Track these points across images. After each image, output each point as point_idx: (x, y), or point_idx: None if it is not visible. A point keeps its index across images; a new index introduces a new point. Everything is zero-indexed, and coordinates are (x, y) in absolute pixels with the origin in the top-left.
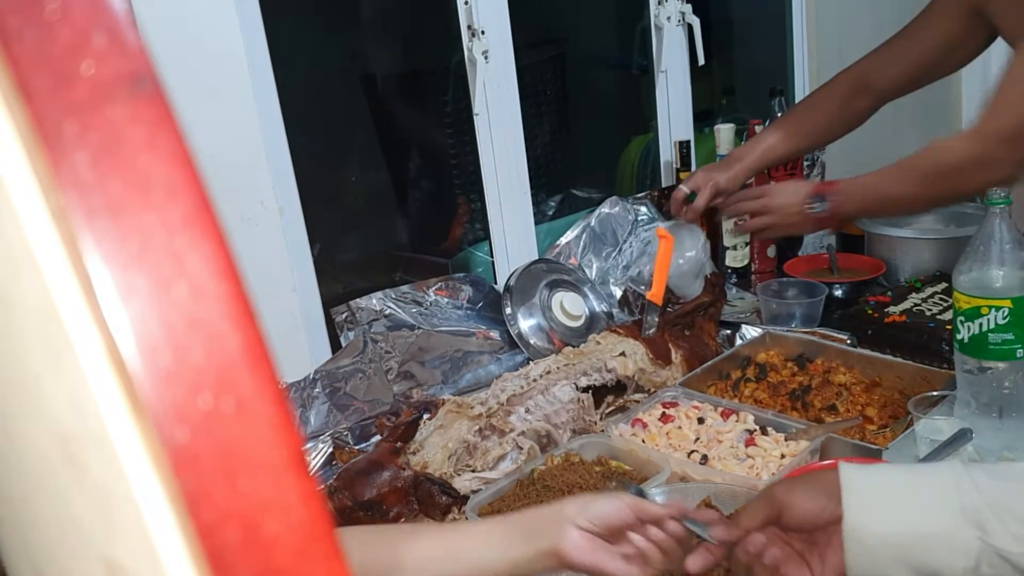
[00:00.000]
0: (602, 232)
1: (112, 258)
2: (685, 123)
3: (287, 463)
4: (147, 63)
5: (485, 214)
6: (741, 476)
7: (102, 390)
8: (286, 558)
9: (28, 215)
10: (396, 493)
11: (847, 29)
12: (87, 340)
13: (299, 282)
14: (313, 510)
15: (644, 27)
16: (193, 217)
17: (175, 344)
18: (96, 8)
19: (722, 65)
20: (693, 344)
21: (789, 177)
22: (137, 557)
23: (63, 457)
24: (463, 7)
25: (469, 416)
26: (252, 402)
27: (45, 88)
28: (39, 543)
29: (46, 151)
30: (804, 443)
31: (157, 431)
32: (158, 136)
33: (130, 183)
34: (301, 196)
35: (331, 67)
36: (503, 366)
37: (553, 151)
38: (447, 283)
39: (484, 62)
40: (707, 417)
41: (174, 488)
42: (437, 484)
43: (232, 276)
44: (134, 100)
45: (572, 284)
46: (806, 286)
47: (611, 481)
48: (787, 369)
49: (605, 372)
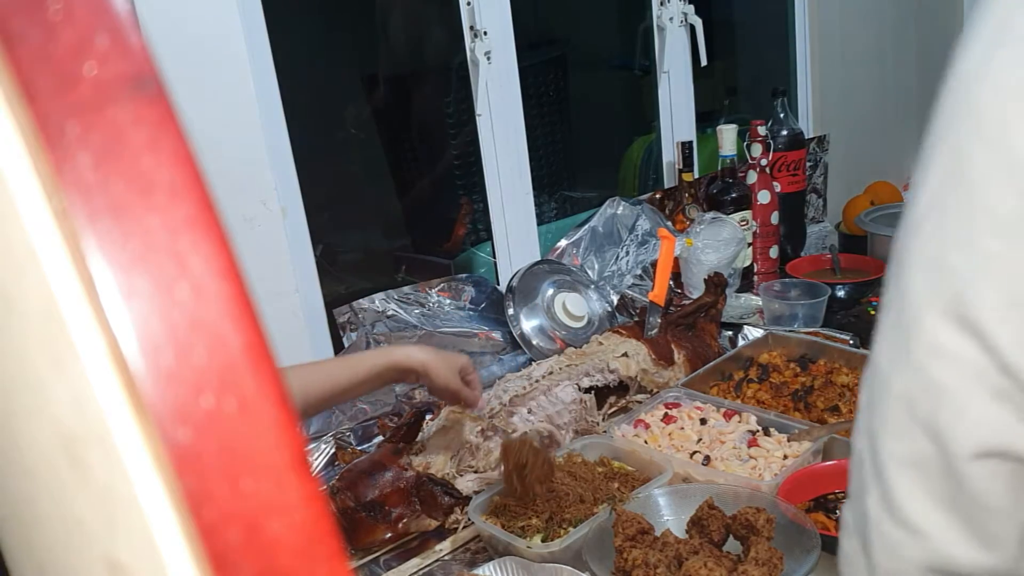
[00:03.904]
0: (604, 233)
1: (114, 259)
2: (687, 124)
3: (289, 464)
4: (149, 64)
5: (487, 215)
6: (743, 477)
7: (105, 390)
8: (288, 558)
9: (31, 216)
10: (398, 494)
11: (849, 29)
12: (90, 340)
13: (301, 282)
14: (315, 511)
15: (646, 28)
16: (195, 218)
17: (177, 344)
18: (98, 9)
19: (724, 66)
20: (695, 345)
21: (791, 178)
22: (139, 557)
23: (66, 457)
24: (465, 8)
25: (471, 417)
26: (254, 402)
27: (48, 89)
28: (42, 543)
29: (49, 152)
30: (807, 444)
31: (159, 431)
32: (160, 137)
33: (133, 184)
34: (303, 196)
35: (333, 68)
36: (505, 367)
37: (555, 152)
38: (449, 284)
39: (486, 63)
40: (709, 418)
41: (176, 488)
42: (439, 485)
43: (234, 276)
44: (136, 101)
45: (574, 285)
46: (808, 287)
47: (613, 482)
48: (789, 370)
49: (607, 373)
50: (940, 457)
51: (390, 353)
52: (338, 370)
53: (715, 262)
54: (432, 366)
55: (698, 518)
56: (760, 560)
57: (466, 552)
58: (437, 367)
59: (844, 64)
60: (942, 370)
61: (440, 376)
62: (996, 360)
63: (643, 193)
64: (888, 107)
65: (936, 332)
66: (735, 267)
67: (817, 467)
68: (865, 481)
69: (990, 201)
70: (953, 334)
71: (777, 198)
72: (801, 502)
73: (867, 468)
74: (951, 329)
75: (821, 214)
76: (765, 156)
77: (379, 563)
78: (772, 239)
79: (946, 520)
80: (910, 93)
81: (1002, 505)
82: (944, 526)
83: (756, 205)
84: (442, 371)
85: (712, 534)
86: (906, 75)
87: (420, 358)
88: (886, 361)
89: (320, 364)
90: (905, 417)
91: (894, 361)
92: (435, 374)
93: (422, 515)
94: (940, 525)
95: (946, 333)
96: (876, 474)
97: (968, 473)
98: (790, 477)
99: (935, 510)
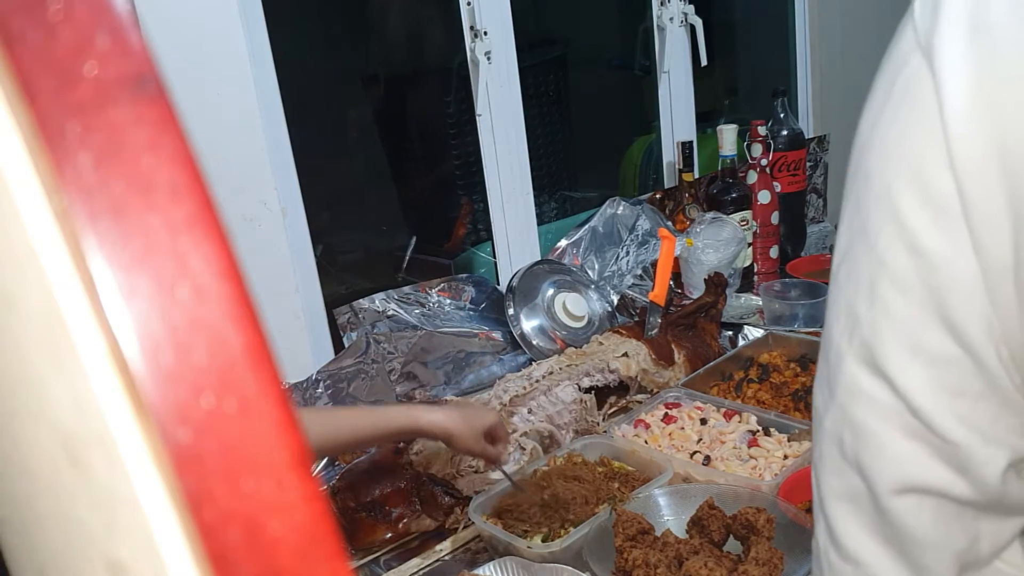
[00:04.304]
0: (605, 233)
1: (115, 259)
2: (688, 124)
3: (290, 464)
4: (150, 64)
5: (488, 215)
6: (744, 477)
7: (105, 390)
8: (289, 559)
9: (31, 216)
10: (399, 494)
11: (850, 29)
12: (90, 341)
13: (302, 282)
14: (316, 511)
15: (647, 28)
16: (196, 218)
17: (178, 344)
18: (99, 9)
19: (725, 66)
20: (695, 345)
21: (791, 178)
22: (139, 557)
23: (66, 457)
24: (466, 8)
25: None
26: (255, 402)
27: (48, 89)
28: (42, 544)
29: (49, 152)
30: (807, 444)
31: (160, 431)
32: (161, 137)
33: (133, 184)
34: (304, 196)
35: (334, 68)
36: (505, 367)
37: (555, 152)
38: (450, 284)
39: (487, 63)
40: (710, 418)
41: (177, 488)
42: (440, 485)
43: (235, 277)
44: (137, 101)
45: (575, 285)
46: (809, 286)
47: (614, 482)
48: (790, 370)
49: (608, 373)
50: (868, 492)
51: (417, 418)
52: (363, 422)
53: (715, 262)
54: (456, 434)
55: (698, 518)
56: (760, 560)
57: (466, 552)
58: (461, 435)
59: (844, 63)
60: (861, 410)
61: (463, 443)
62: (906, 403)
63: (643, 193)
64: None
65: (853, 375)
66: (735, 267)
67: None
68: (816, 513)
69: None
70: (867, 377)
71: (777, 198)
72: (801, 502)
73: (815, 502)
74: (865, 373)
75: (821, 214)
76: (765, 156)
77: (379, 563)
78: (772, 239)
79: (882, 552)
80: None
81: (932, 538)
82: (880, 557)
83: (756, 205)
84: (466, 438)
85: (712, 534)
86: None
87: (444, 427)
88: (820, 400)
89: (347, 412)
90: (836, 454)
91: (825, 400)
92: (458, 442)
93: (422, 515)
94: (877, 556)
95: (862, 376)
96: (820, 507)
97: (893, 508)
98: (790, 477)
99: (871, 543)
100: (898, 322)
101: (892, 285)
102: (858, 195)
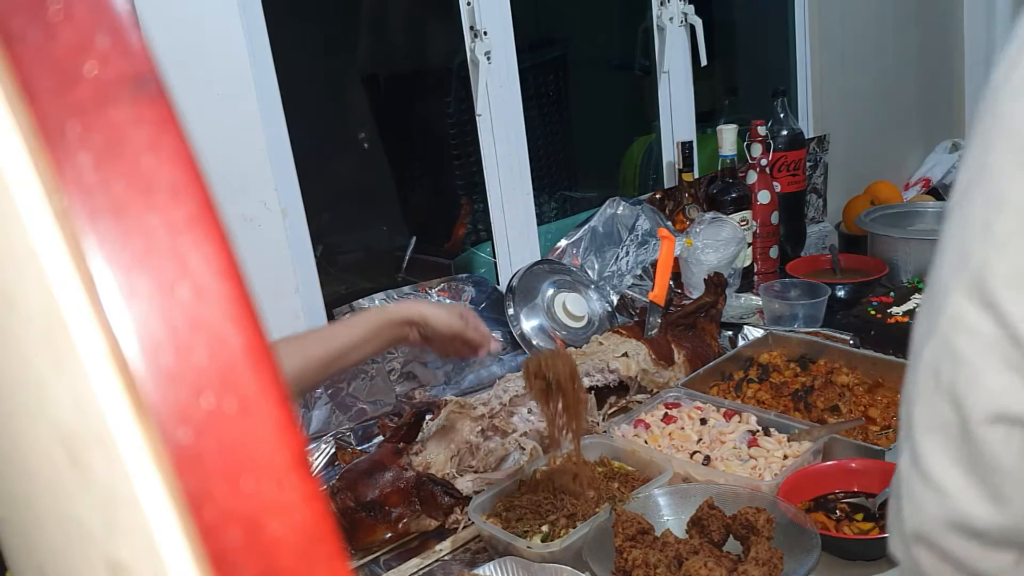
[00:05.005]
0: (604, 233)
1: (115, 259)
2: (688, 124)
3: (290, 464)
4: (150, 64)
5: (488, 215)
6: (744, 477)
7: (105, 390)
8: (288, 559)
9: (32, 216)
10: (398, 494)
11: (850, 29)
12: (90, 340)
13: (302, 283)
14: (316, 511)
15: (646, 28)
16: (196, 218)
17: (178, 344)
18: (99, 9)
19: (725, 66)
20: (695, 345)
21: (791, 178)
22: (140, 557)
23: (66, 457)
24: (465, 8)
25: (471, 417)
26: (255, 402)
27: (48, 89)
28: (42, 543)
29: (49, 152)
30: (807, 444)
31: (160, 431)
32: (161, 137)
33: (133, 184)
34: (303, 196)
35: (334, 68)
36: (505, 367)
37: (555, 152)
38: (450, 284)
39: (487, 63)
40: (709, 418)
41: (177, 488)
42: (439, 485)
43: (235, 277)
44: (137, 101)
45: (574, 285)
46: (809, 287)
47: (613, 482)
48: (790, 370)
49: (607, 373)
50: (959, 422)
51: (386, 309)
52: (333, 333)
53: (715, 262)
54: (431, 313)
55: (698, 518)
56: (760, 560)
57: (466, 552)
58: (437, 314)
59: (844, 64)
60: (962, 341)
61: (442, 322)
62: (1008, 333)
63: (643, 193)
64: (888, 107)
65: (958, 307)
66: (735, 267)
67: (817, 467)
68: (901, 443)
69: (1006, 191)
70: (972, 309)
71: (777, 198)
72: (801, 502)
73: (903, 432)
74: (971, 305)
75: (821, 214)
76: (765, 156)
77: (379, 563)
78: (772, 239)
79: (964, 481)
80: (910, 93)
81: (1016, 469)
82: (963, 486)
83: (756, 205)
84: (443, 317)
85: (712, 534)
86: (906, 75)
87: (418, 308)
88: (919, 335)
89: (314, 330)
90: (932, 384)
91: (924, 334)
92: (436, 321)
93: (422, 515)
94: (959, 485)
95: (967, 308)
96: (908, 437)
97: (982, 437)
98: (790, 477)
99: (955, 471)
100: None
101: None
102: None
